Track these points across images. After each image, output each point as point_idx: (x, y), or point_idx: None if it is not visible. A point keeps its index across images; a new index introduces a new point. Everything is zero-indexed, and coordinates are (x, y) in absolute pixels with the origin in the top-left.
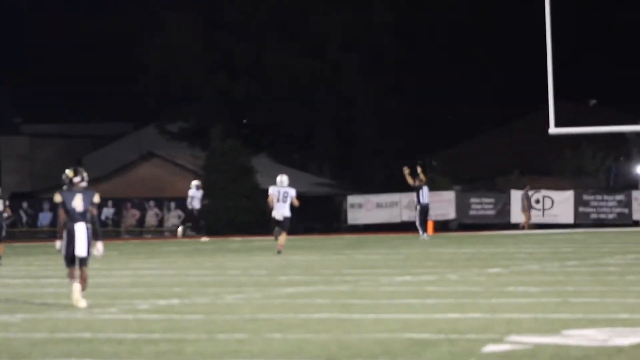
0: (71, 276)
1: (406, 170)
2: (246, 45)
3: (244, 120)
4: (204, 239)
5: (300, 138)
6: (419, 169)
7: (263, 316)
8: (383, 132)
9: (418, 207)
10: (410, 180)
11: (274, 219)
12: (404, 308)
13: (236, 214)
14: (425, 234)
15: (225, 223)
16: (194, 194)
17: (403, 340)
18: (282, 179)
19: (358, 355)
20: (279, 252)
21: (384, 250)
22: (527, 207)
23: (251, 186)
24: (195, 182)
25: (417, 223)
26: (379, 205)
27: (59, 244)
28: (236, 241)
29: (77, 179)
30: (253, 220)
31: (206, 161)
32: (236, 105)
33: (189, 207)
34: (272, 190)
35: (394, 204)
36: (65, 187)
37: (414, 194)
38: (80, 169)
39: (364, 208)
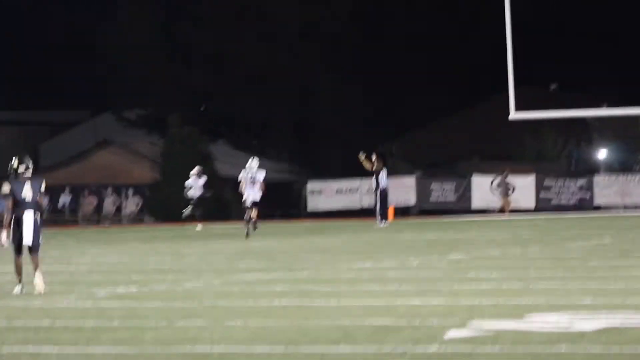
0: (18, 269)
1: (362, 156)
2: (204, 33)
3: (202, 108)
4: (199, 226)
5: (258, 125)
6: (374, 156)
7: (222, 303)
8: (342, 118)
9: (377, 193)
10: (367, 165)
11: (244, 204)
12: (365, 294)
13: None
14: (384, 222)
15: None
16: (193, 183)
17: (364, 326)
18: (252, 163)
19: (318, 341)
20: (255, 228)
21: (345, 237)
22: (505, 192)
23: (209, 173)
24: (194, 171)
25: (377, 209)
26: (338, 192)
27: (4, 235)
28: (194, 228)
29: (22, 168)
30: (211, 207)
31: (164, 148)
32: (194, 92)
33: (187, 196)
34: (242, 174)
35: (353, 190)
36: (12, 177)
37: (373, 180)
38: (26, 158)
39: (323, 194)
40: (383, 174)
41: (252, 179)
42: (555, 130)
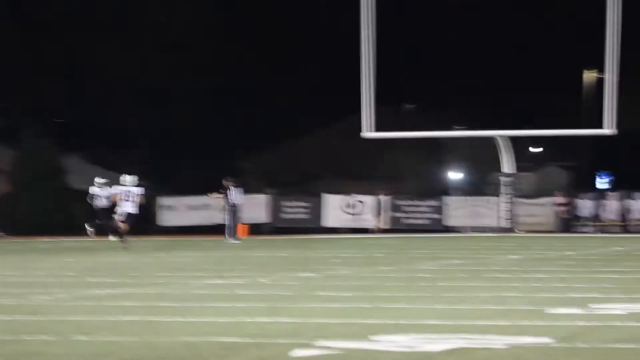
0: None
1: (212, 195)
2: (58, 45)
3: (56, 120)
4: (111, 238)
5: (113, 138)
6: (222, 189)
7: (70, 318)
8: (198, 132)
9: (227, 207)
10: (221, 200)
11: (116, 217)
12: (213, 311)
13: (45, 215)
14: (233, 238)
15: (33, 223)
16: (97, 192)
17: (212, 343)
18: (125, 178)
19: (166, 358)
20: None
21: (196, 253)
22: (378, 212)
23: (60, 186)
24: (98, 180)
25: (226, 225)
26: (190, 207)
27: None
28: (44, 242)
29: None
30: (62, 220)
31: (16, 160)
32: (48, 104)
33: (94, 205)
34: (115, 189)
35: (206, 207)
36: None
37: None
38: None
39: (175, 210)
40: (235, 191)
41: (127, 193)
42: (413, 150)
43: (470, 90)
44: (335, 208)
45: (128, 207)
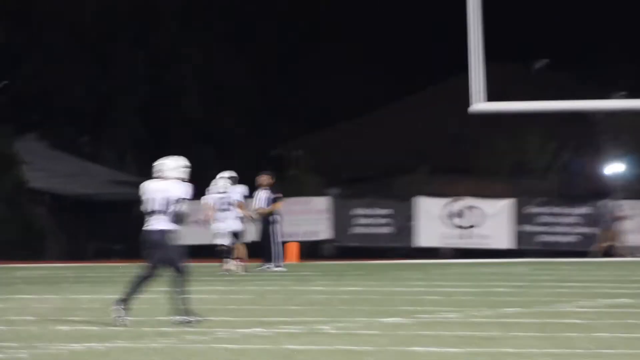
0: None
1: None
2: None
3: (1, 85)
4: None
5: (90, 114)
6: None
7: None
8: (216, 106)
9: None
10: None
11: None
12: None
13: None
14: (274, 264)
15: None
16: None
17: None
18: (220, 180)
19: None
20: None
21: (220, 287)
22: (611, 223)
23: (14, 183)
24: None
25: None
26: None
27: None
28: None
29: None
30: (15, 235)
31: None
32: None
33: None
34: (206, 198)
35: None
36: None
37: (258, 199)
38: None
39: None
40: (261, 194)
41: (224, 200)
42: (543, 130)
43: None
44: (434, 218)
45: (231, 220)
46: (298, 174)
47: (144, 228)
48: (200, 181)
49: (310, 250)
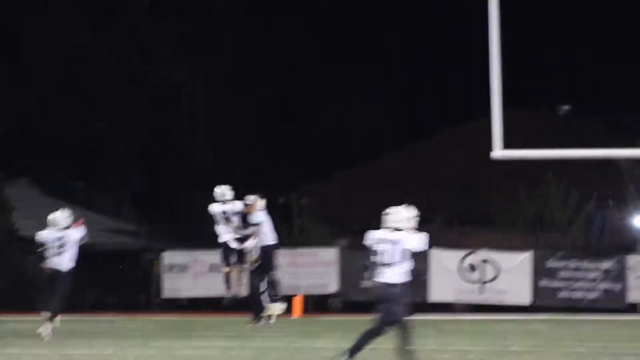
0: None
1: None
2: None
3: None
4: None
5: (83, 158)
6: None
7: None
8: (221, 151)
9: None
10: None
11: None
12: None
13: None
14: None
15: None
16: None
17: None
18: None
19: None
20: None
21: (222, 343)
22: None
23: (6, 230)
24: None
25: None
26: (212, 268)
27: None
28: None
29: None
30: (4, 285)
31: None
32: None
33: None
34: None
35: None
36: None
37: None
38: None
39: (188, 272)
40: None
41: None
42: (567, 178)
43: None
44: (449, 271)
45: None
46: (305, 223)
47: (376, 280)
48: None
49: (316, 304)
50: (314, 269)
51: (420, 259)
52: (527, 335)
